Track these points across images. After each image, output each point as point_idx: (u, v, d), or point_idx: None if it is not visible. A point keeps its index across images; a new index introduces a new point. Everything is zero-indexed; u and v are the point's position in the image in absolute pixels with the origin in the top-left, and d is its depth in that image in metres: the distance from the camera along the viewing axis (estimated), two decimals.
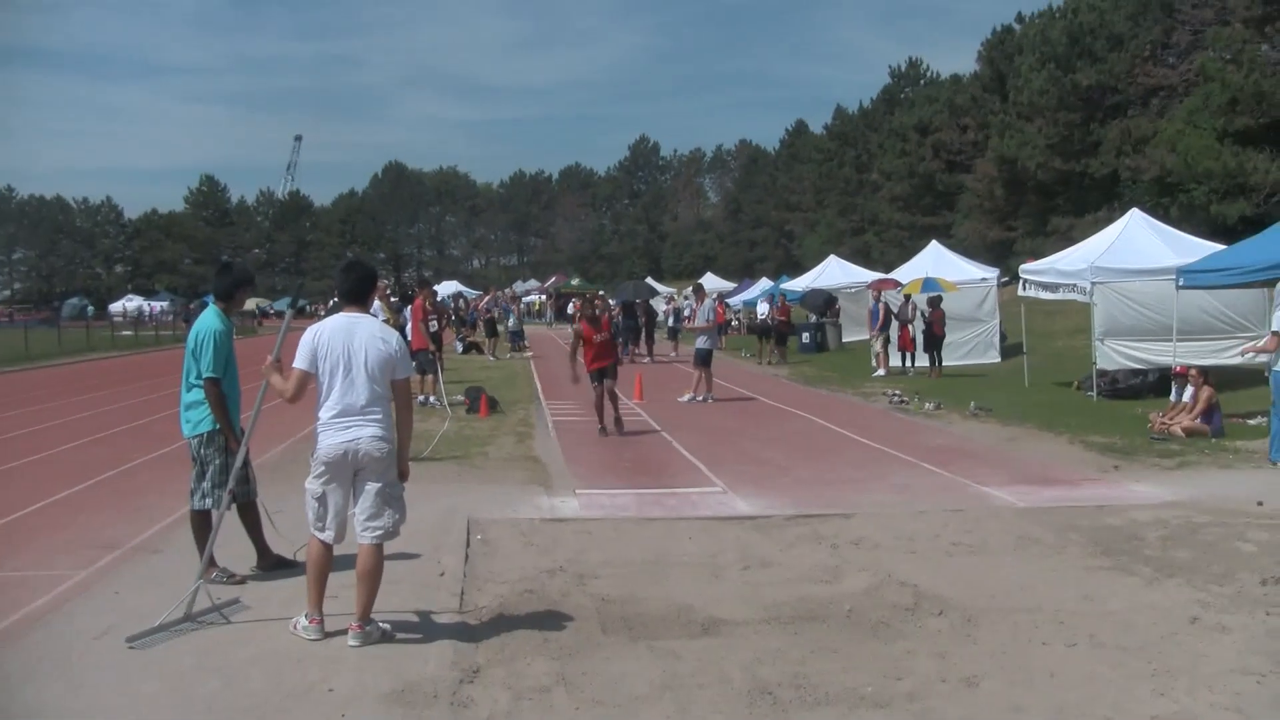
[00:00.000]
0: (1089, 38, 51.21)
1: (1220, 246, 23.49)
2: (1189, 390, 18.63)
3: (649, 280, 74.63)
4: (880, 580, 9.14)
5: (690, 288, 32.09)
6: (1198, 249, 23.64)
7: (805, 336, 43.87)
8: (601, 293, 57.68)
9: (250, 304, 78.12)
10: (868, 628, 7.92)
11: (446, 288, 79.67)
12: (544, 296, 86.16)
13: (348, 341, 7.55)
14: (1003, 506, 12.55)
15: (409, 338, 22.12)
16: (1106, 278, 24.08)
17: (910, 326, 32.63)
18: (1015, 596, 8.71)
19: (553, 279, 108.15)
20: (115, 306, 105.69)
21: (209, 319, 9.22)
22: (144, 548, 10.45)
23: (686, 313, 36.15)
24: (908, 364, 32.65)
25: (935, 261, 35.89)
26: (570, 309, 49.60)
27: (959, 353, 33.58)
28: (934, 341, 31.62)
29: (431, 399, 22.61)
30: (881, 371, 32.41)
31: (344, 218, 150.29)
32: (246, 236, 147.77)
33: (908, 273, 35.73)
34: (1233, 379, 22.81)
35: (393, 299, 24.48)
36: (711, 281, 69.88)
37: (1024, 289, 27.37)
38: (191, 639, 7.69)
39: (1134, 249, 24.43)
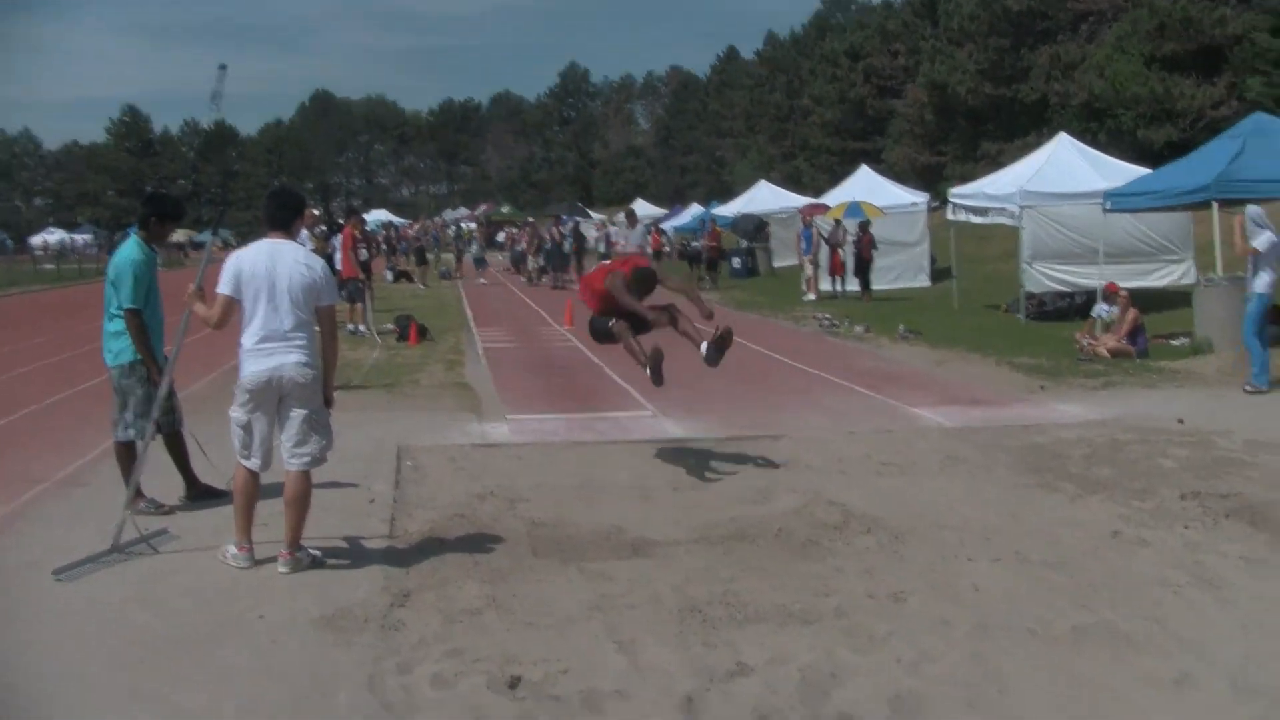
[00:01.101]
0: None
1: (1147, 171, 23.79)
2: (1117, 310, 18.88)
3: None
4: (809, 500, 9.21)
5: (621, 213, 31.97)
6: (1124, 173, 23.93)
7: (736, 262, 43.97)
8: (532, 220, 57.64)
9: (179, 235, 76.89)
10: (797, 546, 8.00)
11: (376, 216, 78.88)
12: (474, 225, 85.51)
13: (271, 267, 7.47)
14: (931, 427, 12.70)
15: (338, 267, 22.01)
16: (1035, 201, 24.30)
17: (840, 251, 32.76)
18: (942, 514, 8.82)
19: (483, 207, 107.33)
20: (36, 240, 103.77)
21: (129, 249, 9.10)
22: (69, 481, 10.33)
23: (616, 238, 36.03)
24: (838, 288, 32.80)
25: (865, 186, 35.92)
26: (501, 238, 49.56)
27: (889, 277, 33.77)
28: (864, 266, 31.80)
29: (361, 328, 22.49)
30: (812, 296, 32.59)
31: (271, 147, 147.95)
32: (171, 167, 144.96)
33: (838, 197, 35.72)
34: (1157, 301, 23.14)
35: (319, 229, 24.22)
36: (643, 208, 69.65)
37: (953, 213, 27.59)
38: (119, 570, 7.63)
39: (1062, 173, 24.66)
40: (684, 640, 6.25)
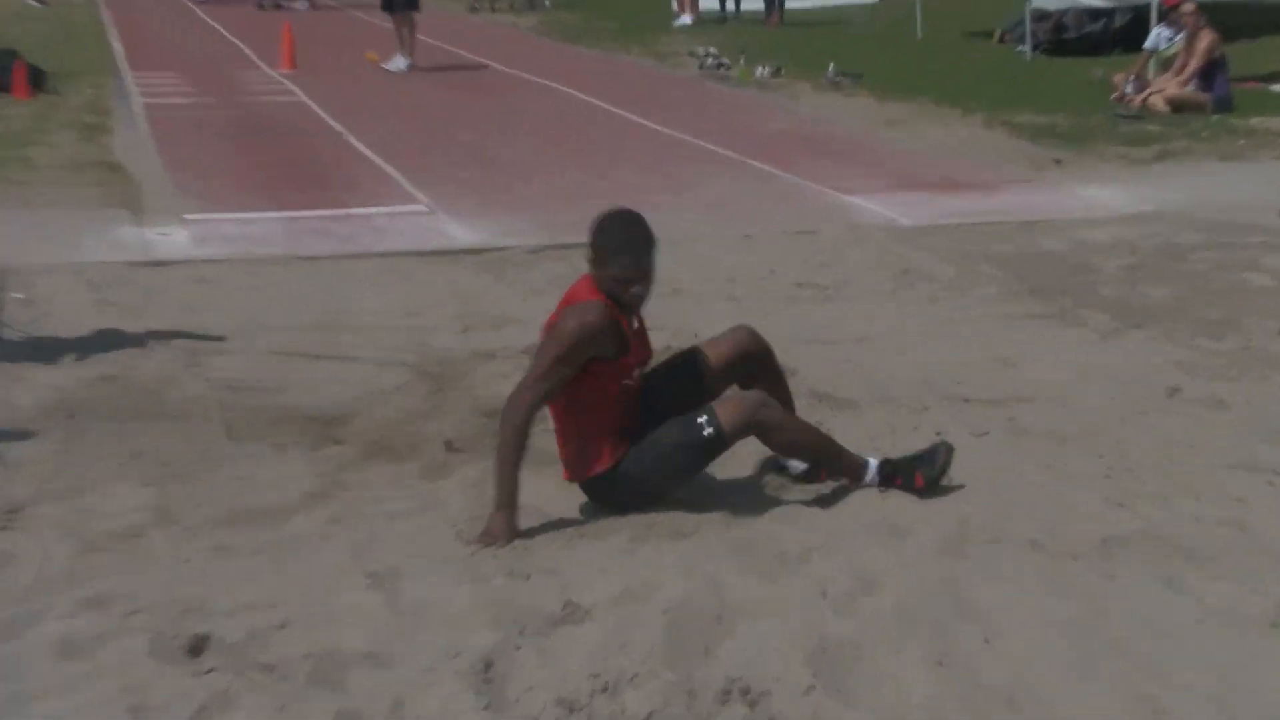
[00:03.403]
0: None
1: None
2: (1180, 35, 18.96)
3: None
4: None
5: None
6: None
7: None
8: None
9: None
10: None
11: None
12: None
13: None
14: (876, 226, 12.78)
15: None
16: None
17: None
18: (895, 365, 8.82)
19: None
20: None
21: None
22: None
23: None
24: (729, 6, 32.74)
25: None
26: None
27: None
28: None
29: None
30: (687, 19, 32.47)
31: None
32: None
33: None
34: (1245, 20, 23.36)
35: None
36: None
37: None
38: None
39: None
40: (477, 569, 6.10)
